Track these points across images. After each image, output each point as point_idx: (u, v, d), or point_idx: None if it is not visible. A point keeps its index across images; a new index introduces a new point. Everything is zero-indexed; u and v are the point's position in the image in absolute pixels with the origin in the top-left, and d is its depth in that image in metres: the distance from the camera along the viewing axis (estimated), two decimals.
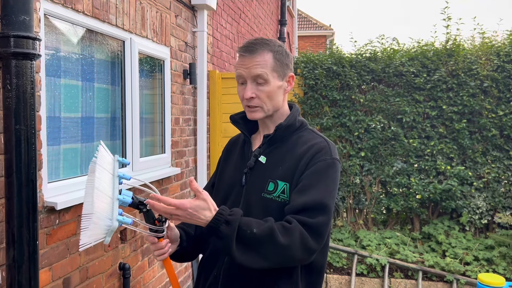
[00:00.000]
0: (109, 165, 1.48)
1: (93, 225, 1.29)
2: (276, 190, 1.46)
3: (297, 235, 1.34)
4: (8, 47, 1.78)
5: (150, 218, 1.48)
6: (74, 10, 2.39)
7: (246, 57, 1.48)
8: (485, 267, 4.46)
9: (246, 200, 1.51)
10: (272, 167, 1.50)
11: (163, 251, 1.51)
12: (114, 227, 1.32)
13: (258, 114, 1.52)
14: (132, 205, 1.46)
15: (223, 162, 1.72)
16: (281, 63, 1.51)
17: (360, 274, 4.64)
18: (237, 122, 1.65)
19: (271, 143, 1.55)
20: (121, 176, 1.48)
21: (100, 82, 2.78)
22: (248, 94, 1.49)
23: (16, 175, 1.82)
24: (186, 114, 4.05)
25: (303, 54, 5.41)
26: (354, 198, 5.20)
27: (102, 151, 1.48)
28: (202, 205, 1.33)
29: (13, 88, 1.80)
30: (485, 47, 4.92)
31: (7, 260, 1.85)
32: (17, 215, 1.83)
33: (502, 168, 4.79)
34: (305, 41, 19.11)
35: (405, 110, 4.89)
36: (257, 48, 1.49)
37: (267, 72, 1.47)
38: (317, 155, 1.46)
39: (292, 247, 1.34)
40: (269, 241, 1.33)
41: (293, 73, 1.57)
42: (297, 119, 1.57)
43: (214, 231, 1.33)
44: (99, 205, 1.31)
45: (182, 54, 3.90)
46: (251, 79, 1.49)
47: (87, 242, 1.31)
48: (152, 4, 3.27)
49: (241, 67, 1.50)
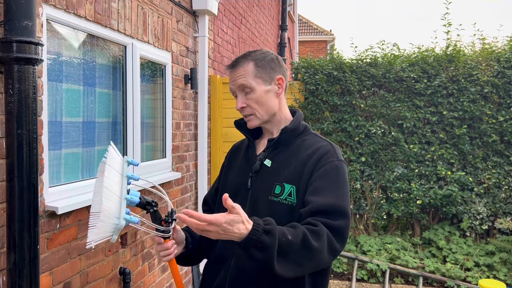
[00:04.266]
0: (119, 166, 1.51)
1: (101, 223, 1.32)
2: (283, 193, 1.48)
3: (325, 238, 1.34)
4: (11, 52, 1.79)
5: (157, 219, 1.50)
6: (76, 15, 2.40)
7: (231, 72, 1.58)
8: (485, 273, 4.45)
9: (252, 204, 1.52)
10: (277, 170, 1.52)
11: (168, 252, 1.52)
12: (121, 225, 1.35)
13: (254, 122, 1.58)
14: (140, 205, 1.48)
15: (226, 167, 1.73)
16: (264, 68, 1.55)
17: (360, 279, 4.63)
18: (241, 127, 1.68)
19: (276, 146, 1.57)
20: (130, 176, 1.51)
21: (101, 87, 2.79)
22: (239, 105, 1.56)
23: (17, 179, 1.83)
24: (187, 119, 4.05)
25: (303, 59, 5.42)
26: (354, 203, 5.20)
27: (112, 152, 1.51)
28: (237, 219, 1.23)
29: (15, 93, 1.81)
30: (485, 53, 4.93)
31: (8, 265, 1.85)
32: (18, 220, 1.83)
33: (502, 174, 4.79)
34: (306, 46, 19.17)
35: (406, 115, 4.89)
36: (238, 61, 1.57)
37: (250, 80, 1.53)
38: (324, 157, 1.49)
39: (323, 251, 1.34)
40: (304, 247, 1.31)
41: (282, 75, 1.59)
42: (301, 124, 1.60)
43: (255, 243, 1.24)
44: (107, 204, 1.33)
45: (183, 59, 3.91)
46: (238, 90, 1.56)
47: (94, 239, 1.33)
48: (153, 10, 3.28)
49: (230, 83, 1.60)
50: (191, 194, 4.14)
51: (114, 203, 1.36)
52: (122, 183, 1.46)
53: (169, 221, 1.51)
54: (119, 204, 1.38)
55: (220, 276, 1.54)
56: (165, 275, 3.62)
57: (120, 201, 1.40)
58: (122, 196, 1.41)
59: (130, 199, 1.43)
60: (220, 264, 1.56)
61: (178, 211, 3.82)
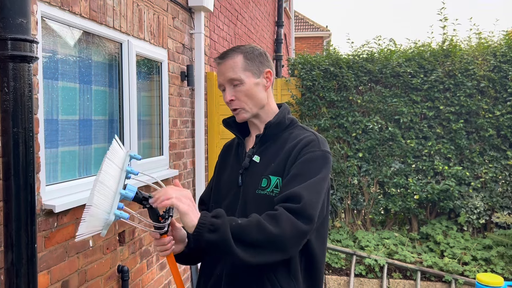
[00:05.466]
0: (120, 160, 1.51)
1: (90, 217, 1.32)
2: (269, 185, 1.48)
3: (285, 219, 1.33)
4: (6, 50, 1.78)
5: (154, 215, 1.50)
6: (71, 13, 2.38)
7: (220, 65, 1.56)
8: (483, 267, 4.47)
9: (244, 200, 1.53)
10: (265, 164, 1.52)
11: (165, 248, 1.51)
12: (111, 220, 1.35)
13: (243, 115, 1.57)
14: (136, 199, 1.47)
15: (219, 166, 1.74)
16: (253, 61, 1.55)
17: (358, 274, 4.64)
18: (229, 125, 1.67)
19: (263, 142, 1.57)
20: (129, 171, 1.51)
21: (97, 85, 2.77)
22: (227, 97, 1.55)
23: (14, 178, 1.82)
24: (184, 116, 4.04)
25: (300, 55, 5.41)
26: (352, 199, 5.20)
27: (115, 146, 1.52)
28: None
29: (11, 91, 1.80)
30: (481, 47, 4.94)
31: (6, 264, 1.84)
32: (15, 218, 1.82)
33: (499, 168, 4.80)
34: (302, 42, 19.16)
35: (402, 110, 4.90)
36: (227, 53, 1.56)
37: (239, 73, 1.52)
38: (306, 148, 1.48)
39: (284, 233, 1.32)
40: (259, 230, 1.31)
41: (270, 69, 1.60)
42: (287, 117, 1.59)
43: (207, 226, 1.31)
44: (98, 199, 1.33)
45: (179, 56, 3.90)
46: (227, 83, 1.55)
47: (84, 232, 1.34)
48: (149, 6, 3.27)
49: (218, 76, 1.58)
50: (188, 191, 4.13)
51: (106, 197, 1.37)
52: (120, 178, 1.46)
53: (166, 217, 1.51)
54: (112, 199, 1.38)
55: (216, 274, 1.53)
56: (163, 273, 3.62)
57: (114, 195, 1.40)
58: (117, 190, 1.41)
59: (124, 194, 1.42)
60: (216, 262, 1.55)
61: None
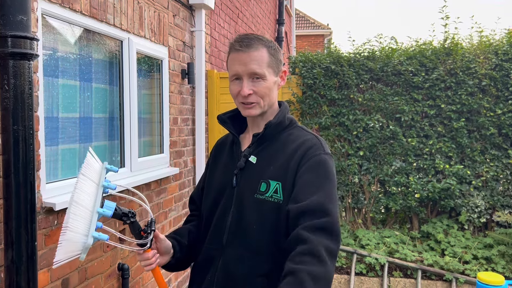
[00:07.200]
0: (96, 174, 1.42)
1: (67, 242, 1.25)
2: (269, 190, 1.42)
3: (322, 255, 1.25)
4: (6, 47, 1.77)
5: (136, 229, 1.44)
6: (72, 10, 2.38)
7: (242, 52, 1.44)
8: (484, 265, 4.46)
9: (239, 202, 1.47)
10: (263, 167, 1.46)
11: (149, 262, 1.47)
12: (89, 244, 1.27)
13: (255, 110, 1.48)
14: (115, 216, 1.40)
15: (211, 165, 1.67)
16: (276, 58, 1.49)
17: (359, 273, 4.64)
18: (224, 122, 1.60)
19: (261, 142, 1.51)
20: (106, 186, 1.43)
21: (98, 82, 2.77)
22: (245, 91, 1.44)
23: (14, 175, 1.81)
24: (185, 114, 4.04)
25: (301, 53, 5.40)
26: (353, 198, 5.20)
27: (90, 159, 1.43)
28: None
29: (11, 89, 1.79)
30: (483, 45, 4.92)
31: (6, 261, 1.84)
32: (15, 216, 1.82)
33: (500, 167, 4.79)
34: (303, 41, 19.12)
35: (404, 109, 4.89)
36: (252, 43, 1.44)
37: (264, 69, 1.44)
38: (309, 151, 1.43)
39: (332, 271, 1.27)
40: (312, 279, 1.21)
41: (285, 69, 1.56)
42: (286, 117, 1.54)
43: None
44: (74, 221, 1.26)
45: (180, 53, 3.89)
46: (247, 75, 1.44)
47: (62, 259, 1.27)
48: (150, 4, 3.26)
49: (236, 63, 1.45)
50: (189, 189, 4.13)
51: (83, 218, 1.29)
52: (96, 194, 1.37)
53: (148, 231, 1.44)
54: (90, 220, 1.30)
55: (207, 278, 1.50)
56: (163, 271, 3.61)
57: (91, 215, 1.31)
58: (94, 209, 1.33)
59: (102, 212, 1.34)
60: (207, 265, 1.51)
61: (176, 206, 3.81)
